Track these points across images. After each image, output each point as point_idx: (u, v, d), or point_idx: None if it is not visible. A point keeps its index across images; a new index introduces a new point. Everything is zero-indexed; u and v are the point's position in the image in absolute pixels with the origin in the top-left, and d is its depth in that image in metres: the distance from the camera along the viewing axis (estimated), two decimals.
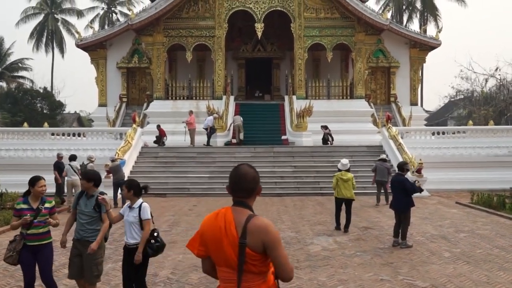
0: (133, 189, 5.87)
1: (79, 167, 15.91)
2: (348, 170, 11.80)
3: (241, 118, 24.85)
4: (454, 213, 14.33)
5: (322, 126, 24.15)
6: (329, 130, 24.03)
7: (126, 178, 17.17)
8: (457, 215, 14.02)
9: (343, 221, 11.67)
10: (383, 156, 17.31)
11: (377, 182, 16.02)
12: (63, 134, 23.62)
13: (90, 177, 5.97)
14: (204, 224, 3.02)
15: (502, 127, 26.60)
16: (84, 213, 5.85)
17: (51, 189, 12.91)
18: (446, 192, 19.44)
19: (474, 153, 21.29)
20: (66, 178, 16.09)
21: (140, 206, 5.82)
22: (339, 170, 11.87)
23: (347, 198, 11.60)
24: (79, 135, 23.99)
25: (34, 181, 5.78)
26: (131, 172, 20.18)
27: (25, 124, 25.13)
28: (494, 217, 13.48)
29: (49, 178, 17.10)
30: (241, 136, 24.65)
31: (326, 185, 19.15)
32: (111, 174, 17.03)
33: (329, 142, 23.70)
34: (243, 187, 2.96)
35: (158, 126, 23.85)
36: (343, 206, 11.72)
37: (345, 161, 12.01)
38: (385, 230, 11.52)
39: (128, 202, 5.97)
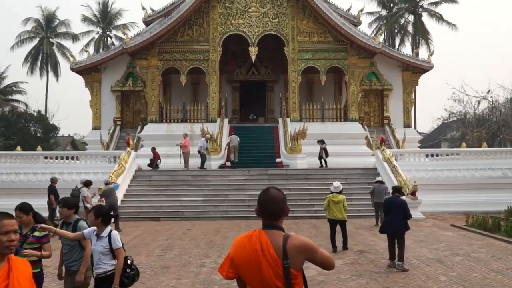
0: (102, 216, 5.52)
1: (85, 194, 15.66)
2: (340, 193, 12.07)
3: (238, 139, 24.76)
4: (449, 236, 14.28)
5: (318, 141, 24.11)
6: (325, 145, 23.99)
7: (119, 202, 17.08)
8: (453, 237, 13.96)
9: (339, 244, 11.88)
10: (380, 178, 17.39)
11: (376, 203, 16.10)
12: (56, 158, 23.52)
13: (71, 204, 5.70)
14: (236, 248, 3.09)
15: (496, 149, 26.70)
16: (64, 243, 5.61)
17: (44, 213, 12.76)
18: (441, 214, 19.40)
19: (468, 175, 21.33)
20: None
21: (109, 235, 5.50)
22: (331, 192, 12.19)
23: (339, 220, 11.92)
24: (72, 158, 23.88)
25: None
26: (124, 195, 20.06)
27: (18, 147, 25.02)
28: (489, 240, 13.43)
29: (41, 202, 17.01)
30: (236, 158, 24.65)
31: (321, 208, 18.99)
32: (103, 198, 16.90)
33: (323, 160, 23.68)
34: (274, 210, 3.04)
35: (153, 149, 23.79)
36: (338, 228, 11.95)
37: (337, 183, 12.37)
38: (381, 253, 11.44)
39: (94, 228, 5.58)
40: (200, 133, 25.11)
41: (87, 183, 15.96)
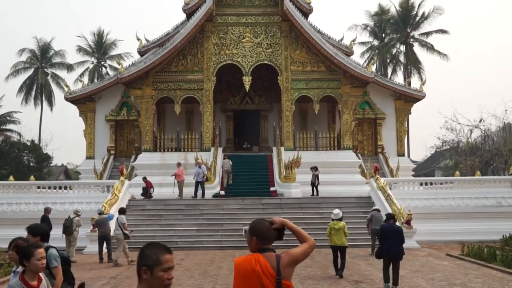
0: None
1: (124, 221, 15.64)
2: (340, 220, 12.74)
3: (231, 162, 25.22)
4: (445, 266, 14.18)
5: (311, 168, 24.11)
6: (318, 172, 24.00)
7: (112, 232, 16.91)
8: (448, 267, 13.87)
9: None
10: (377, 206, 17.51)
11: (373, 231, 16.05)
12: (49, 187, 23.32)
13: (36, 231, 5.39)
14: (238, 269, 3.70)
15: (489, 177, 26.81)
16: None
17: None
18: (436, 243, 19.32)
19: (462, 204, 21.32)
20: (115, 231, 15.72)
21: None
22: (332, 220, 12.86)
23: (340, 246, 12.52)
24: (65, 188, 23.70)
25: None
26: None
27: (11, 177, 24.83)
28: (485, 270, 13.34)
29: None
30: (230, 180, 25.01)
31: (316, 237, 18.81)
32: (96, 228, 16.73)
33: (315, 189, 23.67)
34: (267, 236, 3.73)
35: (144, 178, 23.67)
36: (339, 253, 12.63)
37: (336, 211, 13.08)
38: (376, 283, 11.33)
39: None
40: (194, 162, 25.06)
41: (122, 211, 16.05)
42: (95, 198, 21.37)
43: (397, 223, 18.10)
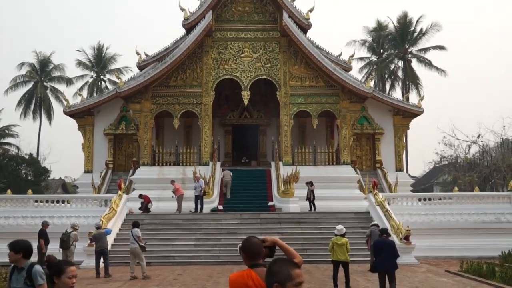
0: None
1: (139, 235, 15.59)
2: (343, 235, 13.08)
3: (231, 174, 25.56)
4: (444, 282, 14.10)
5: (307, 183, 24.05)
6: (314, 187, 23.97)
7: (109, 247, 16.82)
8: (448, 284, 13.79)
9: (341, 285, 12.70)
10: (375, 222, 17.49)
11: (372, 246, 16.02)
12: (47, 201, 23.22)
13: (18, 248, 5.18)
14: (232, 285, 3.84)
15: (488, 193, 26.79)
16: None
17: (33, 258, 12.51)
18: (435, 259, 19.23)
19: (461, 219, 21.26)
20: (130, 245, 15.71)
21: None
22: (335, 235, 13.15)
23: (342, 261, 12.81)
24: (63, 202, 23.60)
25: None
26: (115, 240, 19.78)
27: (9, 191, 24.74)
28: (484, 286, 13.27)
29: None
30: (228, 195, 25.16)
31: (314, 253, 18.90)
32: (93, 243, 16.64)
33: (312, 204, 23.63)
34: (256, 252, 3.93)
35: (140, 196, 23.55)
36: (340, 268, 12.89)
37: (340, 227, 13.43)
38: None
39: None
40: (192, 176, 25.02)
41: (137, 224, 15.98)
42: (92, 212, 21.29)
43: (396, 239, 18.16)
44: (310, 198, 23.84)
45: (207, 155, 28.20)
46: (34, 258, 15.74)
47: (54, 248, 16.63)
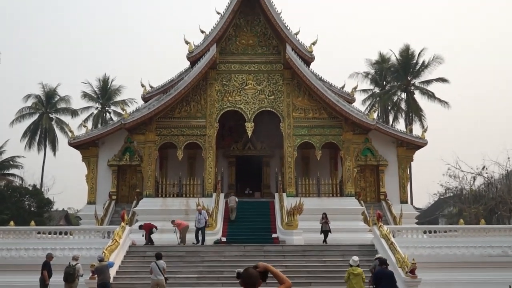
0: None
1: (165, 267, 15.60)
2: (358, 266, 13.66)
3: (236, 199, 26.44)
4: None
5: (323, 215, 24.36)
6: (328, 220, 24.09)
7: (111, 279, 16.64)
8: None
9: None
10: (379, 255, 17.29)
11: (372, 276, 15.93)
12: (49, 233, 23.09)
13: None
14: None
15: (495, 226, 26.50)
16: None
17: None
18: None
19: (467, 253, 20.97)
20: (151, 277, 15.72)
21: None
22: (351, 266, 13.71)
23: None
24: (65, 233, 23.47)
25: None
26: (117, 272, 19.55)
27: (11, 222, 24.66)
28: None
29: (32, 279, 16.61)
30: (233, 217, 25.97)
31: (319, 286, 18.63)
32: (96, 275, 16.47)
33: (325, 237, 23.61)
34: (252, 283, 4.53)
35: (140, 227, 23.40)
36: None
37: (355, 258, 14.22)
38: None
39: None
40: (195, 208, 24.92)
41: (160, 255, 16.09)
42: (95, 244, 21.12)
43: (401, 273, 17.91)
44: (323, 230, 23.83)
45: (210, 186, 28.16)
46: None
47: (56, 281, 16.45)
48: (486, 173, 39.89)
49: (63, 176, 76.78)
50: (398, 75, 50.56)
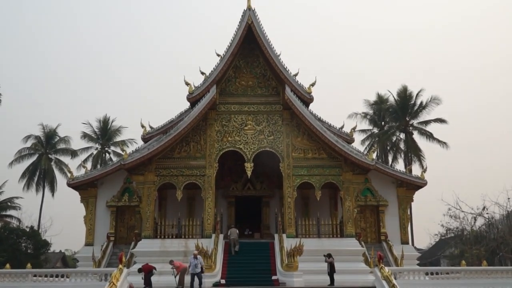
0: None
1: None
2: None
3: (237, 231, 26.65)
4: None
5: (325, 255, 23.81)
6: (333, 259, 23.55)
7: None
8: None
9: None
10: None
11: None
12: (46, 275, 22.78)
13: None
14: None
15: (497, 268, 26.16)
16: None
17: None
18: None
19: None
20: None
21: None
22: None
23: None
24: (62, 276, 23.13)
25: None
26: None
27: (7, 265, 24.34)
28: None
29: None
30: (236, 248, 26.17)
31: None
32: None
33: (331, 278, 23.16)
34: None
35: (140, 270, 23.00)
36: None
37: None
38: None
39: None
40: (194, 249, 24.60)
41: None
42: (92, 287, 20.81)
43: None
44: (329, 271, 23.38)
45: (210, 227, 27.93)
46: None
47: None
48: (487, 213, 39.70)
49: (61, 217, 76.29)
50: (397, 116, 50.97)
